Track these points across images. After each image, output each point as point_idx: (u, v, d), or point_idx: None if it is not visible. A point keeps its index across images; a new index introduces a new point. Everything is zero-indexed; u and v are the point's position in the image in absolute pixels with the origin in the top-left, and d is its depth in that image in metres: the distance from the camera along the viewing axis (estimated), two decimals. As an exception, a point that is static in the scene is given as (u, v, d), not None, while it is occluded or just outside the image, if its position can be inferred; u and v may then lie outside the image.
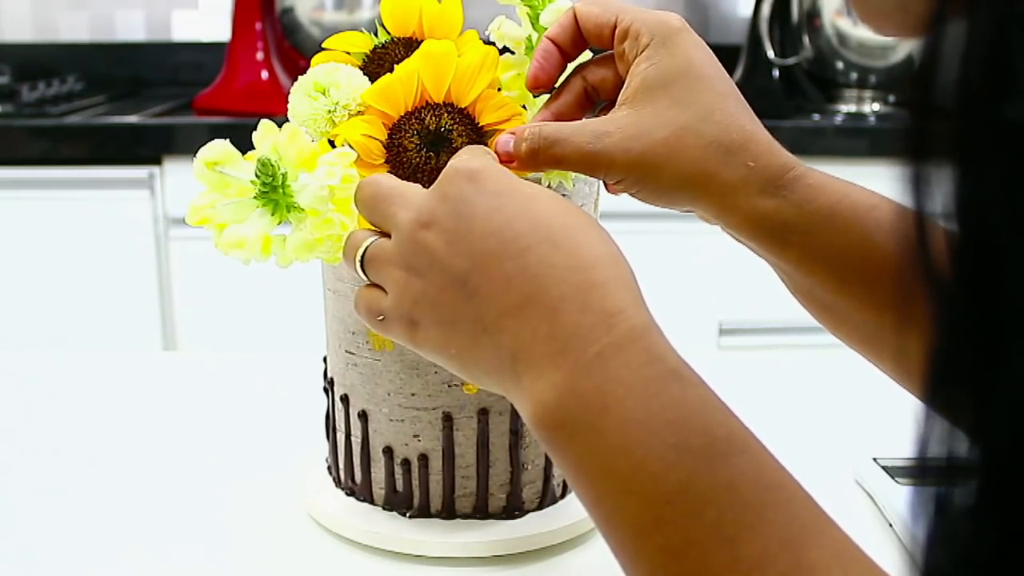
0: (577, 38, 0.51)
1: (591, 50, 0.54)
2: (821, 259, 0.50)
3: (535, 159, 0.48)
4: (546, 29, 0.56)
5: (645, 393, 0.36)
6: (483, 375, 0.41)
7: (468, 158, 0.43)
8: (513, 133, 0.49)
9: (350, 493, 0.62)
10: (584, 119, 0.51)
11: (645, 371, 0.36)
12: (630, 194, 0.49)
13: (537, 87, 0.52)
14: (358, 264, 0.45)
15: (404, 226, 0.43)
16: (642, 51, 0.49)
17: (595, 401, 0.36)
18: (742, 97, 0.50)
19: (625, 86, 0.49)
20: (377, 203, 0.45)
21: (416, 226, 0.42)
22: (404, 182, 0.45)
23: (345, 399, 0.60)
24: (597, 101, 0.53)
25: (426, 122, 0.53)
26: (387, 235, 0.44)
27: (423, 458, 0.58)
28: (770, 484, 0.34)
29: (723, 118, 0.48)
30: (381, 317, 0.44)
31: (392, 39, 0.58)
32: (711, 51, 0.50)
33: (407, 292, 0.43)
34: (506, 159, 0.48)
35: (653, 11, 0.50)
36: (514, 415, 0.58)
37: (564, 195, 0.56)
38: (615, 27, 0.50)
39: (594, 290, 0.38)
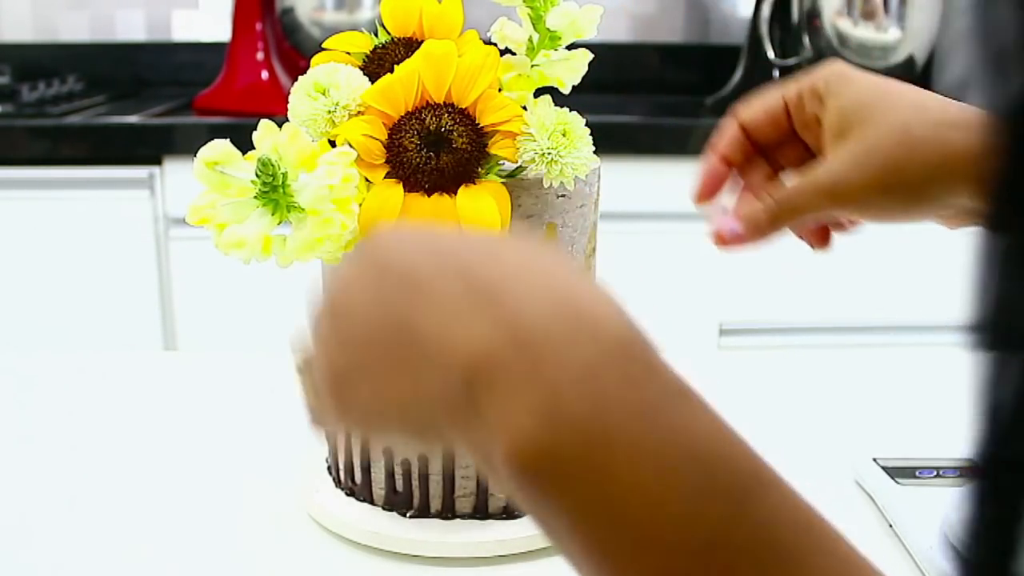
0: (747, 146, 0.52)
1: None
2: None
3: (777, 220, 0.48)
4: (551, 32, 0.56)
5: (654, 418, 0.29)
6: (429, 420, 0.32)
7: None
8: (734, 219, 0.49)
9: (350, 493, 0.62)
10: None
11: (648, 389, 0.29)
12: (876, 219, 0.48)
13: (702, 202, 0.53)
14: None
15: (315, 318, 0.35)
16: (825, 95, 0.49)
17: (593, 428, 0.28)
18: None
19: (825, 132, 0.49)
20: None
21: (324, 307, 0.35)
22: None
23: (345, 399, 0.60)
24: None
25: (426, 122, 0.53)
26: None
27: (423, 458, 0.58)
28: (806, 526, 0.29)
29: (935, 101, 0.47)
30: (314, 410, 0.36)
31: (392, 39, 0.58)
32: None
33: (328, 359, 0.34)
34: (735, 239, 0.49)
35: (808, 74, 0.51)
36: (514, 415, 0.58)
37: (563, 195, 0.56)
38: (785, 105, 0.51)
39: (566, 294, 0.31)
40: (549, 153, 0.53)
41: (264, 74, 1.70)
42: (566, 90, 0.60)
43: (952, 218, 0.49)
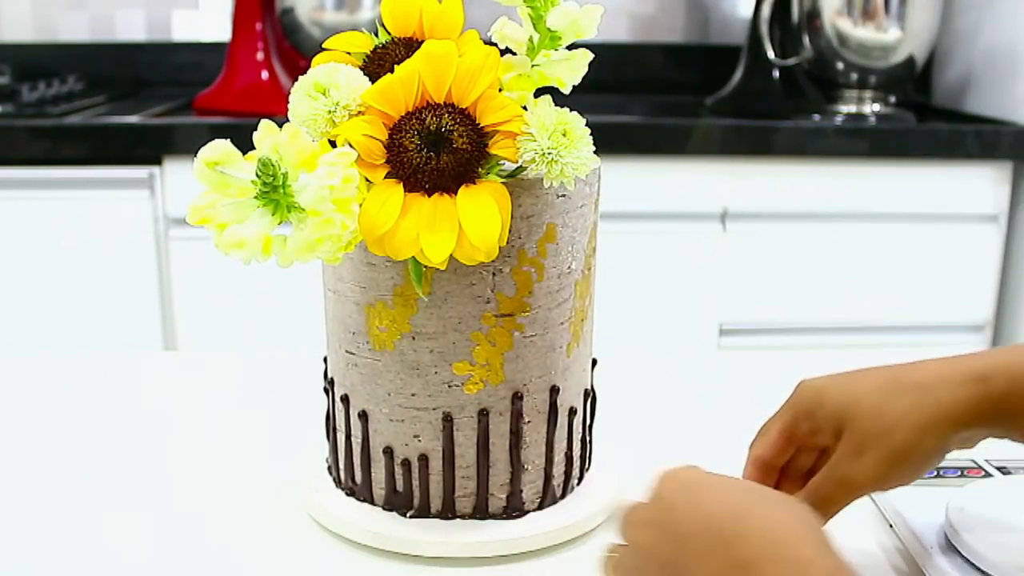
0: (771, 469, 0.56)
1: None
2: None
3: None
4: (551, 32, 0.56)
5: None
6: None
7: (677, 468, 0.47)
8: None
9: (350, 493, 0.62)
10: None
11: None
12: (900, 484, 0.52)
13: None
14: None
15: (623, 532, 0.47)
16: (815, 413, 0.54)
17: None
18: None
19: (826, 434, 0.53)
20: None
21: (631, 525, 0.46)
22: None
23: (345, 399, 0.60)
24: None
25: (427, 122, 0.53)
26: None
27: (423, 458, 0.58)
28: None
29: (902, 378, 0.52)
30: None
31: (392, 39, 0.58)
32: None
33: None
34: None
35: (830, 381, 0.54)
36: (514, 415, 0.58)
37: (563, 195, 0.56)
38: (781, 430, 0.55)
39: (786, 543, 0.40)
40: (549, 153, 0.53)
41: (264, 74, 1.70)
42: (566, 90, 0.60)
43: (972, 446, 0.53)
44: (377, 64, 0.57)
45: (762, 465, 0.56)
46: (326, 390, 0.63)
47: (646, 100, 2.02)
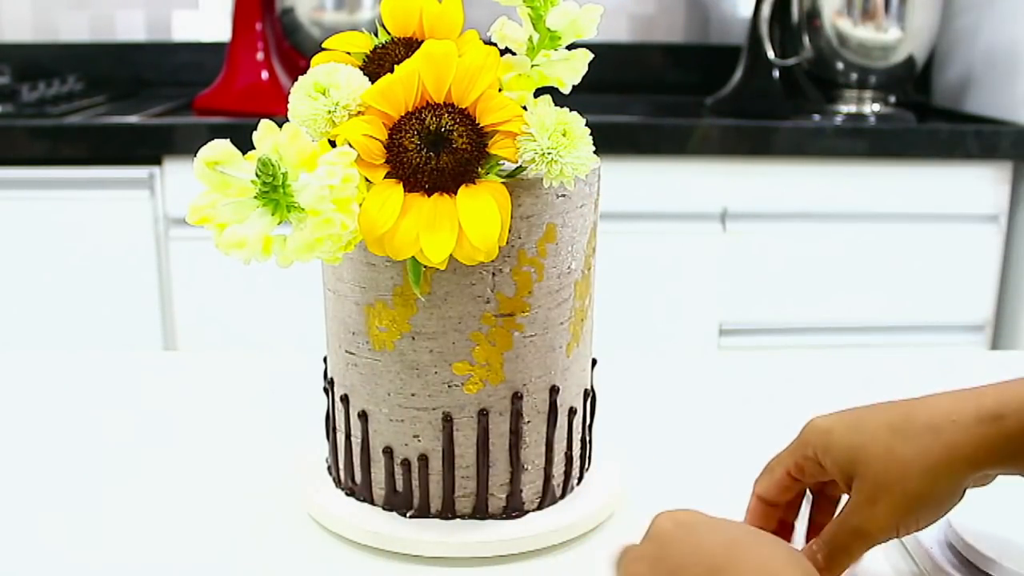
0: (770, 515, 0.55)
1: None
2: None
3: (829, 568, 0.51)
4: (551, 32, 0.56)
5: None
6: None
7: (676, 509, 0.48)
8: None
9: (350, 493, 0.62)
10: None
11: None
12: (916, 529, 0.51)
13: None
14: None
15: (619, 569, 0.48)
16: (819, 456, 0.52)
17: None
18: None
19: (835, 477, 0.52)
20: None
21: (628, 561, 0.47)
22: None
23: (345, 399, 0.60)
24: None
25: (426, 122, 0.53)
26: None
27: (423, 458, 0.58)
28: None
29: (910, 420, 0.50)
30: None
31: (392, 39, 0.58)
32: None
33: None
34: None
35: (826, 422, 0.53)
36: (514, 415, 0.58)
37: (563, 195, 0.56)
38: (790, 473, 0.54)
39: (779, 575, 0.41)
40: (549, 153, 0.53)
41: (264, 74, 1.70)
42: (566, 90, 0.60)
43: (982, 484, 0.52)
44: (377, 64, 0.57)
45: (766, 504, 0.56)
46: (326, 390, 0.63)
47: (646, 100, 2.02)
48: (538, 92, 0.58)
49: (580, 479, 0.64)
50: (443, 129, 0.53)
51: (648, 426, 0.77)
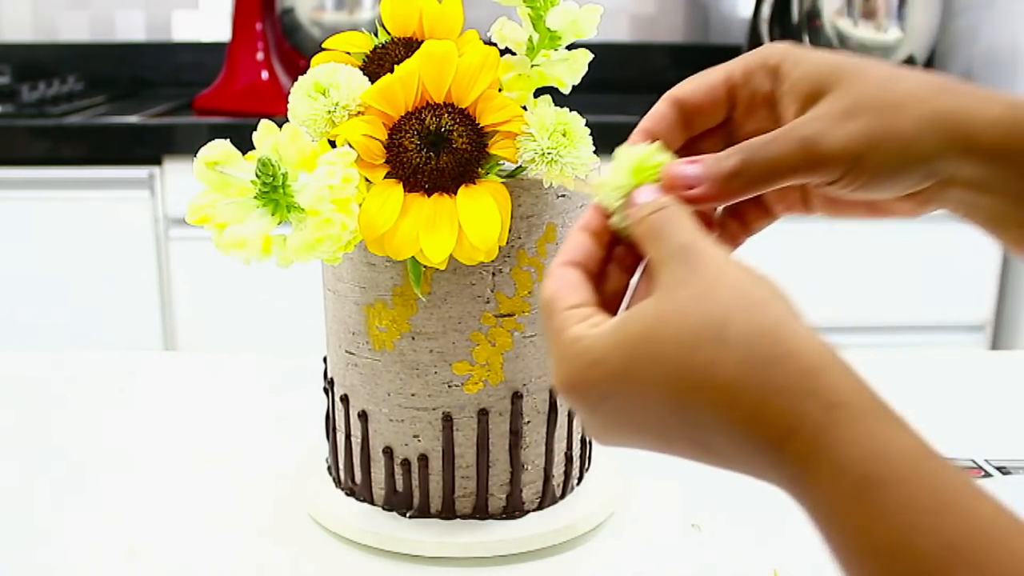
0: (679, 127, 0.44)
1: None
2: None
3: (739, 176, 0.41)
4: (551, 32, 0.56)
5: (842, 520, 0.31)
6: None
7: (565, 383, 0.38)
8: (694, 161, 0.41)
9: (350, 493, 0.62)
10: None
11: (835, 488, 0.31)
12: (856, 186, 0.41)
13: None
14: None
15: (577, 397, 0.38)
16: (783, 66, 0.42)
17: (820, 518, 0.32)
18: None
19: (787, 100, 0.42)
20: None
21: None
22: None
23: (345, 399, 0.60)
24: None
25: (426, 122, 0.53)
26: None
27: (423, 458, 0.58)
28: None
29: (914, 71, 0.42)
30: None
31: (392, 39, 0.58)
32: None
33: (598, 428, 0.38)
34: (694, 182, 0.41)
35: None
36: (514, 415, 0.58)
37: (563, 196, 0.56)
38: (728, 79, 0.44)
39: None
40: (549, 153, 0.53)
41: (264, 74, 1.70)
42: (566, 90, 0.60)
43: (923, 200, 0.45)
44: (377, 64, 0.57)
45: (679, 110, 0.44)
46: (326, 390, 0.63)
47: (646, 100, 2.01)
48: (538, 92, 0.58)
49: (580, 479, 0.64)
50: (443, 129, 0.53)
51: (648, 426, 0.77)
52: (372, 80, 0.54)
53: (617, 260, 0.41)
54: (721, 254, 0.37)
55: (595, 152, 0.55)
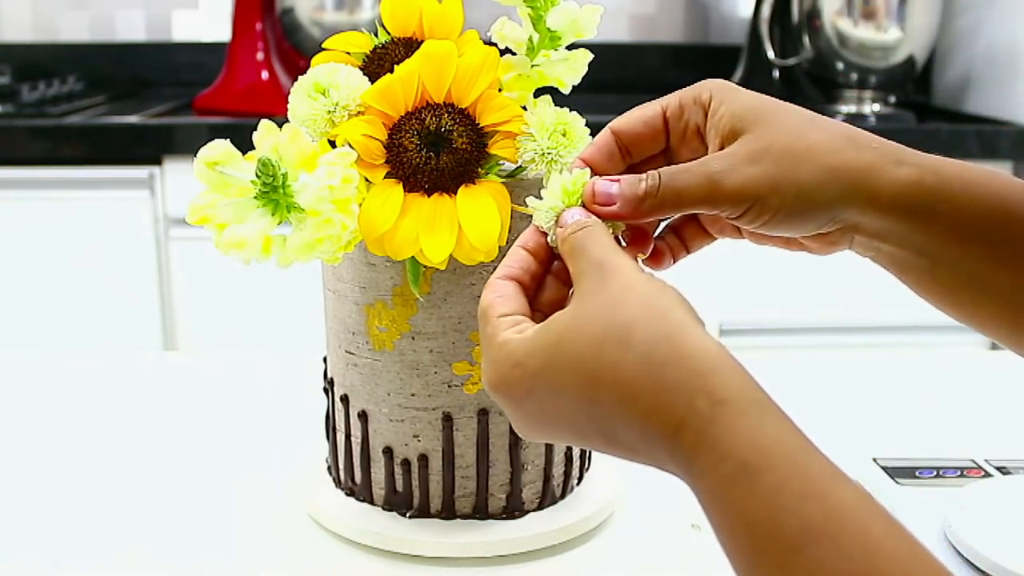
0: (619, 157, 0.49)
1: None
2: (970, 223, 0.45)
3: (648, 199, 0.45)
4: (551, 32, 0.56)
5: (721, 502, 0.35)
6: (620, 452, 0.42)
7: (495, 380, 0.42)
8: (615, 180, 0.46)
9: (350, 493, 0.62)
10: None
11: (716, 473, 0.35)
12: (756, 223, 0.46)
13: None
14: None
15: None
16: (712, 103, 0.47)
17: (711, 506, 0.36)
18: None
19: (713, 137, 0.47)
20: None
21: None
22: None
23: (345, 399, 0.60)
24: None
25: (426, 122, 0.53)
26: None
27: (423, 458, 0.58)
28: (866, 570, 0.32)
29: (826, 119, 0.46)
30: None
31: (392, 39, 0.58)
32: None
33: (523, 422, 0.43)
34: (606, 201, 0.46)
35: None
36: (514, 415, 0.58)
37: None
38: (664, 112, 0.48)
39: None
40: (549, 153, 0.53)
41: (264, 74, 1.70)
42: (566, 90, 0.60)
43: (830, 241, 0.48)
44: (377, 64, 0.57)
45: (615, 142, 0.49)
46: (326, 390, 0.63)
47: (646, 100, 2.02)
48: (538, 92, 0.58)
49: (580, 479, 0.64)
50: (443, 129, 0.53)
51: (648, 426, 0.77)
52: (372, 80, 0.54)
53: (555, 273, 0.46)
54: (631, 268, 0.41)
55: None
